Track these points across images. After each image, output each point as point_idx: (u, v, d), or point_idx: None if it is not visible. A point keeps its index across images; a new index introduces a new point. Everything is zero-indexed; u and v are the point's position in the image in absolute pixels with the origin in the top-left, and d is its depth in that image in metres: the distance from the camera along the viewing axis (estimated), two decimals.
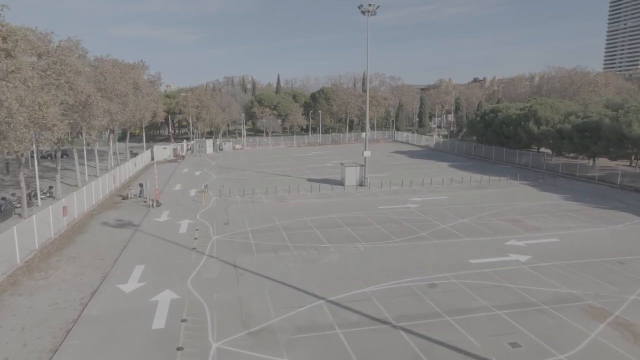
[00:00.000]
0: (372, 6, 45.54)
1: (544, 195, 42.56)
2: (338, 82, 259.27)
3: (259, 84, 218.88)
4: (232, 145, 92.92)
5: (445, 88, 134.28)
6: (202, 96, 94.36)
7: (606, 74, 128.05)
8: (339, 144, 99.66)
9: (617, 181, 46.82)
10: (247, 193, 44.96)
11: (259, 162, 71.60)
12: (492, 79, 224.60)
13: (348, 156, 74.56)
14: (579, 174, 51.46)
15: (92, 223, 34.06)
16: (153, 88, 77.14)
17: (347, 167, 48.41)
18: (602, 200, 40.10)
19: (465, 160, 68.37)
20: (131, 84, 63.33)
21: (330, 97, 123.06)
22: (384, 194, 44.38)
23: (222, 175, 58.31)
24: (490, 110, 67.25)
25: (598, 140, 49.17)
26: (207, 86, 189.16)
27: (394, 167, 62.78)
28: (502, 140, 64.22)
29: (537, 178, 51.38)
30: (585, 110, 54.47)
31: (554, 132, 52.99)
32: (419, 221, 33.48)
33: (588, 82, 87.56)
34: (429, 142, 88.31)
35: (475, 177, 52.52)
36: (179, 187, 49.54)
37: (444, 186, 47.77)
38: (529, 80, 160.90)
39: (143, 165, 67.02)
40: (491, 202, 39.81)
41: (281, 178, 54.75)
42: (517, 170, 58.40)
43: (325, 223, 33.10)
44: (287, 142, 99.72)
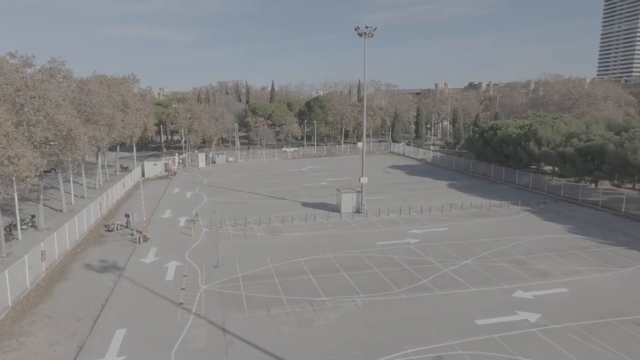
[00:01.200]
0: (369, 28, 43.91)
1: (547, 226, 41.04)
2: (334, 90, 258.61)
3: (253, 89, 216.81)
4: (225, 158, 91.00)
5: (441, 94, 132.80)
6: (193, 107, 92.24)
7: (604, 84, 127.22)
8: (334, 156, 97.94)
9: (621, 208, 45.39)
10: (239, 223, 43.13)
11: (252, 179, 69.72)
12: (487, 84, 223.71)
13: (343, 173, 72.88)
14: (582, 199, 50.02)
15: (73, 266, 32.08)
16: (143, 102, 75.10)
17: (343, 194, 46.70)
18: (607, 233, 38.62)
19: (463, 178, 66.82)
20: (120, 101, 61.44)
21: (326, 106, 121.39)
22: (381, 223, 42.69)
23: (213, 197, 56.41)
24: (489, 128, 65.76)
25: (602, 165, 47.74)
26: (201, 91, 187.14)
27: (391, 187, 61.10)
28: (502, 159, 62.77)
29: (539, 203, 49.93)
30: (587, 131, 53.03)
31: (555, 155, 51.54)
32: (419, 263, 31.81)
33: (586, 95, 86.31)
34: (425, 156, 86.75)
35: (475, 201, 50.98)
36: (168, 214, 47.57)
37: (443, 213, 46.16)
38: (524, 87, 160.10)
39: (132, 183, 64.90)
40: (493, 235, 38.22)
41: (275, 202, 52.95)
42: (517, 191, 57.02)
43: (321, 266, 31.34)
44: (281, 154, 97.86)
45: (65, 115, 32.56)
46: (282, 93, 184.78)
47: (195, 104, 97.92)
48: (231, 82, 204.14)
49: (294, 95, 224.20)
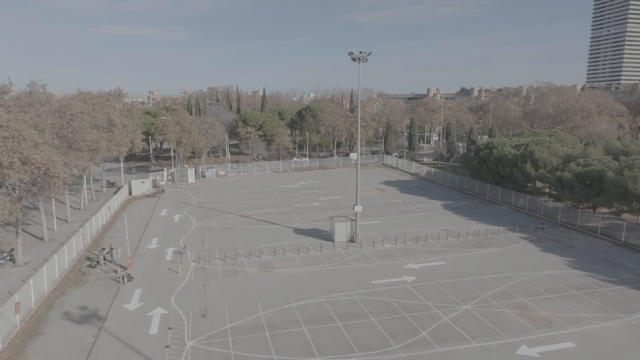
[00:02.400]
0: (363, 53, 42.45)
1: (546, 259, 39.84)
2: (325, 95, 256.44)
3: (244, 94, 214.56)
4: (215, 172, 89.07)
5: (433, 102, 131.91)
6: (183, 119, 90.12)
7: (595, 94, 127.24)
8: (326, 169, 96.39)
9: (621, 236, 44.42)
10: (229, 256, 41.40)
11: (242, 197, 67.90)
12: (479, 89, 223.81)
13: (336, 190, 71.27)
14: (580, 224, 49.01)
15: (51, 315, 30.12)
16: (130, 117, 72.99)
17: (337, 223, 45.17)
18: (609, 268, 37.50)
19: (458, 197, 65.62)
20: (105, 119, 59.38)
21: (318, 115, 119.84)
22: (376, 256, 41.21)
23: (202, 221, 54.55)
24: (484, 146, 64.65)
25: (600, 192, 46.75)
26: (191, 97, 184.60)
27: (385, 208, 59.63)
28: (498, 179, 61.69)
29: (537, 229, 48.83)
30: (585, 154, 52.04)
31: (553, 179, 50.49)
32: (417, 309, 30.34)
33: (580, 109, 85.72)
34: (419, 171, 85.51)
35: (472, 227, 49.78)
36: (154, 244, 45.63)
37: (439, 242, 44.83)
38: (516, 93, 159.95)
39: (119, 204, 62.77)
40: (492, 271, 36.91)
41: (266, 227, 51.23)
42: (514, 214, 55.94)
43: (315, 314, 29.73)
44: (272, 166, 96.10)
45: (43, 153, 30.60)
46: (274, 99, 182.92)
47: (185, 115, 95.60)
48: (222, 87, 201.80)
49: (286, 99, 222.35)
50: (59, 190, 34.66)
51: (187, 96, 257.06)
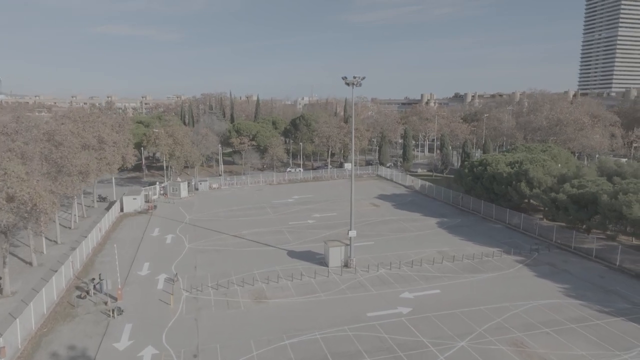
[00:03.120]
0: (357, 78, 42.15)
1: (542, 286, 39.58)
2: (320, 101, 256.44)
3: (237, 101, 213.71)
4: (208, 185, 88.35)
5: (427, 111, 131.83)
6: (175, 132, 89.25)
7: (587, 102, 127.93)
8: (320, 181, 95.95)
9: (616, 260, 44.29)
10: (222, 284, 40.77)
11: (235, 214, 67.22)
12: (473, 95, 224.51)
13: (331, 206, 70.65)
14: (575, 245, 48.87)
15: (37, 357, 29.33)
16: (122, 132, 72.16)
17: (331, 248, 44.70)
18: (605, 297, 37.30)
19: (453, 213, 65.35)
20: (95, 137, 58.57)
21: (312, 125, 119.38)
22: (371, 283, 40.77)
23: (195, 242, 53.87)
24: (478, 163, 64.48)
25: (595, 214, 46.65)
26: (184, 104, 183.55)
27: (379, 227, 59.20)
28: (492, 196, 61.51)
29: (531, 250, 48.64)
30: (579, 174, 51.96)
31: (548, 201, 50.36)
32: (413, 346, 29.90)
33: (573, 121, 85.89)
34: (414, 184, 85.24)
35: (467, 248, 49.53)
36: (146, 270, 44.89)
37: (434, 267, 44.47)
38: (509, 101, 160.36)
39: (110, 223, 61.84)
40: (488, 301, 36.58)
41: (260, 250, 50.64)
42: (508, 232, 55.76)
43: (309, 355, 29.17)
44: (266, 178, 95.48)
45: (29, 189, 29.84)
46: (267, 106, 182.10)
47: (177, 127, 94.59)
48: (215, 93, 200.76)
49: (279, 104, 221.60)
50: (46, 225, 33.88)
51: (180, 101, 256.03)
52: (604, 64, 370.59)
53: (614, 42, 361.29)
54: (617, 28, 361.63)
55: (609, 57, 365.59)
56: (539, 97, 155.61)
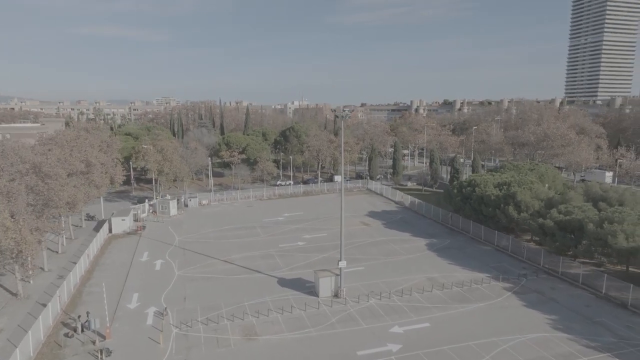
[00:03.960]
0: (346, 111, 42.73)
1: (530, 318, 39.97)
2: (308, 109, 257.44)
3: (227, 107, 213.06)
4: (198, 201, 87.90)
5: (416, 121, 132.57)
6: (164, 148, 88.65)
7: (574, 113, 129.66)
8: (310, 195, 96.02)
9: (602, 287, 44.94)
10: (212, 318, 40.56)
11: (225, 235, 66.93)
12: (462, 102, 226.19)
13: (321, 224, 70.65)
14: (562, 270, 49.49)
15: None
16: (109, 153, 71.54)
17: (321, 278, 44.74)
18: (592, 329, 37.80)
19: (442, 234, 65.79)
20: (84, 163, 58.02)
21: (301, 136, 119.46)
22: (361, 316, 40.86)
23: (185, 268, 53.53)
24: (467, 183, 65.02)
25: (581, 240, 47.30)
26: (173, 112, 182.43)
27: (369, 249, 59.38)
28: (481, 217, 62.06)
29: (520, 276, 49.17)
30: (566, 199, 52.66)
31: (536, 226, 50.96)
32: None
33: (560, 137, 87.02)
34: (403, 200, 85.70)
35: (457, 275, 49.92)
36: (135, 302, 44.48)
37: (424, 296, 44.72)
38: (497, 110, 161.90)
39: (99, 246, 61.18)
40: (477, 335, 36.85)
41: (250, 277, 50.48)
42: (497, 256, 56.27)
43: None
44: (256, 192, 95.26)
45: (16, 234, 29.44)
46: (257, 114, 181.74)
47: (166, 142, 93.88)
48: (205, 101, 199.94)
49: (269, 110, 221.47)
50: (33, 270, 33.40)
51: (169, 108, 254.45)
52: (590, 69, 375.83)
53: (599, 47, 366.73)
54: (603, 33, 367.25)
55: (595, 62, 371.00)
56: (527, 105, 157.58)
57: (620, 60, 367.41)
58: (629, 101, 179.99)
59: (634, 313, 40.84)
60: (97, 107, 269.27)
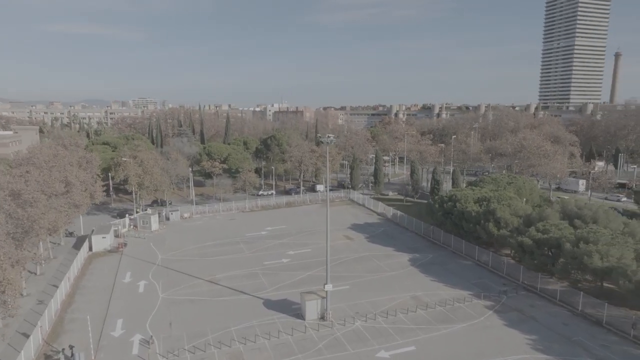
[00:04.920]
0: (330, 137, 44.04)
1: (511, 338, 41.20)
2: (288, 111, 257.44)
3: (207, 113, 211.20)
4: (180, 214, 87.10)
5: (396, 129, 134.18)
6: (145, 160, 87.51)
7: (548, 121, 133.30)
8: (293, 206, 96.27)
9: (578, 305, 46.61)
10: (199, 346, 40.46)
11: (208, 251, 66.61)
12: (440, 106, 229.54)
13: (305, 238, 70.39)
14: (540, 287, 51.11)
15: None
16: (89, 170, 70.35)
17: (307, 302, 45.10)
18: (570, 349, 39.21)
19: (424, 248, 66.90)
20: (63, 181, 56.97)
21: (283, 145, 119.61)
22: (347, 339, 41.39)
23: (169, 290, 53.10)
24: (448, 199, 66.38)
25: (559, 257, 48.94)
26: (152, 118, 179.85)
27: (353, 265, 60.00)
28: (462, 232, 63.47)
29: (500, 293, 50.54)
30: (542, 216, 54.38)
31: (515, 244, 52.49)
32: None
33: (536, 147, 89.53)
34: (386, 211, 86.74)
35: (440, 293, 50.97)
36: (119, 330, 43.96)
37: (409, 317, 45.52)
38: (475, 118, 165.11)
39: (79, 267, 60.08)
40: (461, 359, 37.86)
41: (236, 300, 50.42)
42: (478, 271, 57.64)
43: None
44: (239, 204, 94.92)
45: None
46: (238, 121, 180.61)
47: (146, 151, 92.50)
48: (184, 107, 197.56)
49: (249, 116, 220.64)
50: (16, 309, 32.76)
51: (147, 112, 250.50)
52: (562, 73, 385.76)
53: (571, 51, 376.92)
54: (574, 37, 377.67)
55: (567, 66, 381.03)
56: (504, 111, 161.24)
57: (591, 64, 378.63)
58: (600, 107, 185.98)
59: (608, 331, 42.52)
60: (72, 111, 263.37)
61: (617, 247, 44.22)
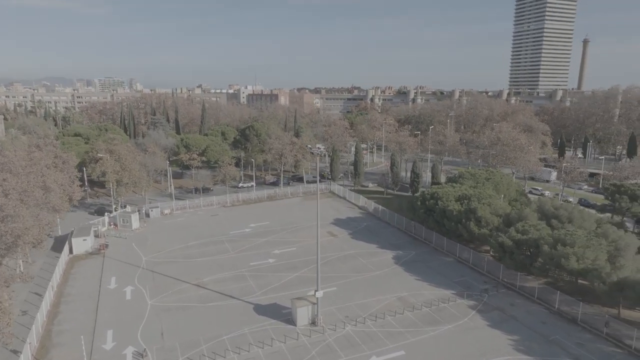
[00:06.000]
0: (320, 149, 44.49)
1: (494, 339, 43.22)
2: (263, 94, 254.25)
3: (180, 99, 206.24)
4: (160, 211, 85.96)
5: (374, 119, 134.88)
6: (122, 156, 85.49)
7: (520, 108, 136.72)
8: (274, 200, 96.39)
9: (555, 302, 49.17)
10: (193, 357, 40.82)
11: (193, 252, 66.37)
12: (415, 91, 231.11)
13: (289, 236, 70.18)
14: (519, 284, 53.52)
15: None
16: (66, 171, 68.39)
17: (298, 308, 45.95)
18: (548, 349, 41.48)
19: (407, 244, 68.41)
20: (41, 186, 55.38)
21: (261, 135, 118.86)
22: (339, 345, 42.55)
23: (157, 297, 52.90)
24: (430, 196, 67.94)
25: (537, 257, 51.24)
26: (123, 105, 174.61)
27: (339, 265, 61.04)
28: (444, 229, 65.31)
29: (482, 292, 52.69)
30: (521, 216, 56.56)
31: (496, 245, 54.50)
32: None
33: (512, 140, 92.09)
34: (367, 205, 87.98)
35: (425, 293, 52.65)
36: (110, 342, 43.76)
37: (397, 319, 46.99)
38: (449, 105, 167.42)
39: (61, 272, 58.93)
40: None
41: (226, 305, 50.73)
42: (459, 268, 59.64)
43: None
44: (219, 197, 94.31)
45: None
46: (213, 107, 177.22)
47: (123, 144, 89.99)
48: (156, 93, 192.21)
49: (223, 101, 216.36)
50: (9, 335, 32.20)
51: (117, 97, 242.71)
52: (532, 57, 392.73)
53: (541, 34, 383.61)
54: (544, 20, 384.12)
55: (537, 50, 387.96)
56: (478, 97, 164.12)
57: (560, 48, 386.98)
58: (569, 94, 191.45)
59: (583, 329, 45.18)
60: (35, 94, 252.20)
61: (592, 249, 46.62)
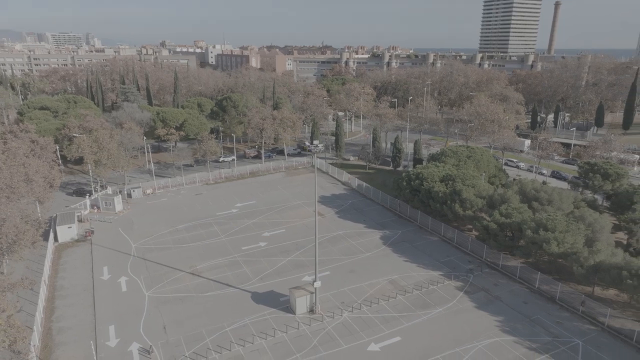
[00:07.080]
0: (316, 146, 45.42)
1: (482, 321, 46.18)
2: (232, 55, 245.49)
3: (148, 63, 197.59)
4: (142, 191, 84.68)
5: (353, 89, 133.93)
6: (100, 136, 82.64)
7: (498, 82, 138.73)
8: (257, 176, 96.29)
9: (535, 282, 52.67)
10: (199, 352, 42.01)
11: (182, 236, 66.49)
12: (390, 55, 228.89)
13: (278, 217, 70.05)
14: (502, 264, 56.74)
15: None
16: (44, 158, 66.01)
17: (297, 298, 47.53)
18: (531, 329, 44.74)
19: (393, 223, 70.42)
20: (24, 179, 53.62)
21: (239, 106, 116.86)
22: (339, 333, 44.61)
23: (153, 289, 53.25)
24: (415, 177, 69.60)
25: (520, 239, 54.26)
26: (88, 71, 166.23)
27: (329, 247, 62.63)
28: (429, 209, 67.52)
29: (467, 273, 55.68)
30: (504, 197, 59.12)
31: (480, 227, 57.09)
32: None
33: (491, 113, 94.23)
34: (350, 181, 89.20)
35: (414, 275, 55.09)
36: (114, 338, 44.28)
37: (390, 304, 49.33)
38: (425, 69, 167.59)
39: (50, 263, 58.13)
40: (442, 347, 42.28)
41: (224, 295, 51.72)
42: (445, 248, 62.29)
43: None
44: (201, 174, 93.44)
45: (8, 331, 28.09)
46: (183, 71, 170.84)
47: (101, 132, 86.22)
48: (123, 58, 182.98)
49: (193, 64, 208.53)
50: None
51: (78, 59, 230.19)
52: (503, 15, 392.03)
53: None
54: None
55: (507, 10, 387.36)
56: (453, 64, 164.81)
57: (529, 9, 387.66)
58: (540, 58, 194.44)
59: (561, 307, 48.85)
60: None
61: (571, 234, 49.76)
